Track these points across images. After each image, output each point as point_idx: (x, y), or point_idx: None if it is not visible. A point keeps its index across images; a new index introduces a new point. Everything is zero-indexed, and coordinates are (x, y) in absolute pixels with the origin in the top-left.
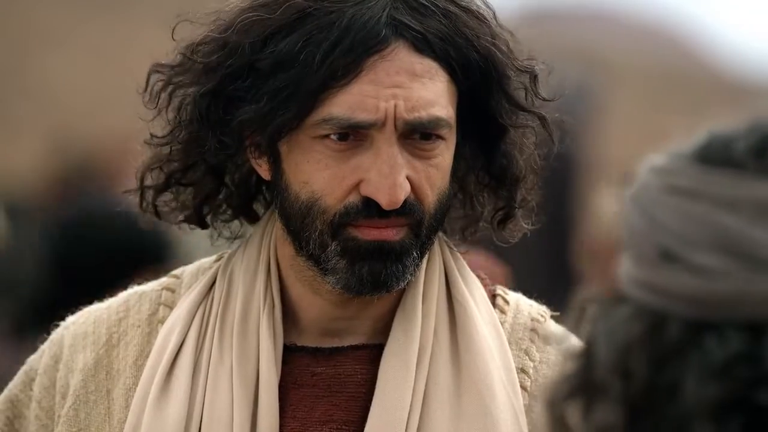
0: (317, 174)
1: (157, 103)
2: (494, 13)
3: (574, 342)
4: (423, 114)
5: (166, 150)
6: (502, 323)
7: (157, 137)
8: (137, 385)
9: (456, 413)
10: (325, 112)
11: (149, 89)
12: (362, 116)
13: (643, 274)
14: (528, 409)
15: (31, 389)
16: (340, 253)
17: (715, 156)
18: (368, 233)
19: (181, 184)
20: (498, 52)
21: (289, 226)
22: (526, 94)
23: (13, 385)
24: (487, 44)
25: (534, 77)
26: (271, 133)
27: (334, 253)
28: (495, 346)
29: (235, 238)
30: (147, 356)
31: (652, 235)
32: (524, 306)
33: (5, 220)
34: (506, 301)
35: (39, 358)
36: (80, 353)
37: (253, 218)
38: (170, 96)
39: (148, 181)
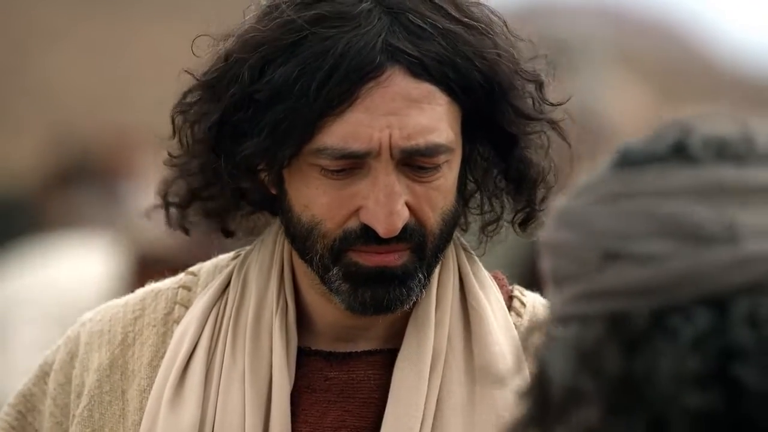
0: (316, 200)
1: (183, 139)
2: (504, 22)
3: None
4: (420, 141)
5: (185, 170)
6: (518, 326)
7: (174, 157)
8: (152, 387)
9: (469, 419)
10: (320, 142)
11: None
12: (356, 146)
13: (586, 285)
14: None
15: (46, 383)
16: (342, 277)
17: (634, 159)
18: (369, 259)
19: (203, 199)
20: (503, 65)
21: (294, 245)
22: (533, 101)
23: (28, 381)
24: (489, 60)
25: (540, 84)
26: (274, 167)
27: (336, 277)
28: (510, 353)
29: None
30: (162, 357)
31: (590, 243)
32: (540, 307)
33: None
34: (522, 303)
35: (55, 354)
36: (96, 352)
37: (275, 211)
38: (186, 122)
39: (171, 198)
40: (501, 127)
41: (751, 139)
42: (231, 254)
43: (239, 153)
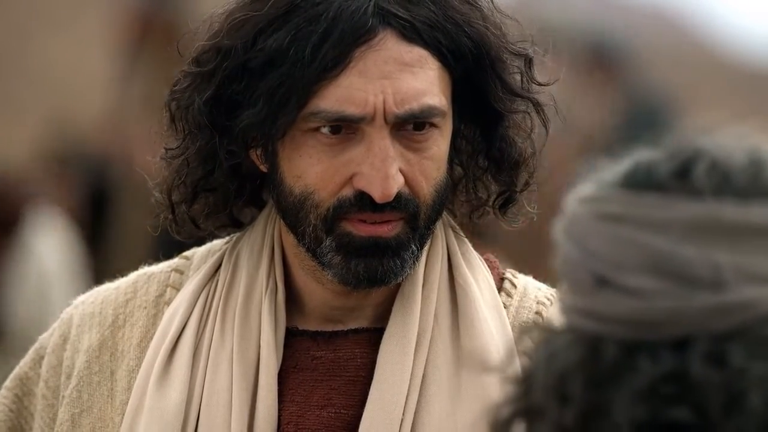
0: (310, 168)
1: (177, 126)
2: (493, 2)
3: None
4: (414, 105)
5: (184, 163)
6: (507, 306)
7: (171, 149)
8: (140, 367)
9: (455, 396)
10: (314, 106)
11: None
12: (350, 110)
13: (580, 301)
14: None
15: (40, 367)
16: (335, 248)
17: (639, 181)
18: (363, 229)
19: (207, 191)
20: (491, 37)
21: (285, 220)
22: (522, 78)
23: (24, 363)
24: (478, 29)
25: (529, 61)
26: (272, 136)
27: (329, 249)
28: (497, 330)
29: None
30: (152, 338)
31: (586, 263)
32: (532, 289)
33: None
34: (513, 285)
35: (49, 337)
36: (86, 333)
37: (261, 206)
38: (179, 108)
39: (176, 197)
40: (487, 103)
41: (758, 169)
42: (224, 239)
43: (236, 126)
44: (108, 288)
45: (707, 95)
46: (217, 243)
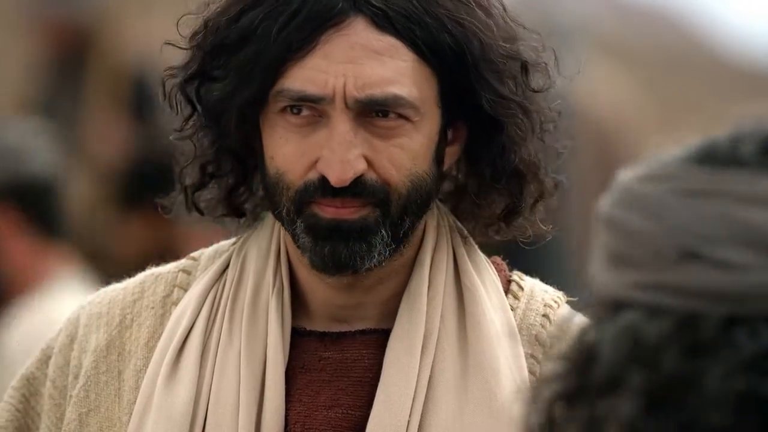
0: (280, 150)
1: (176, 105)
2: (503, 4)
3: (580, 323)
4: (377, 91)
5: (191, 145)
6: (514, 309)
7: (177, 131)
8: (148, 367)
9: (462, 398)
10: (280, 85)
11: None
12: (310, 90)
13: (659, 277)
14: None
15: (47, 367)
16: (305, 230)
17: (720, 157)
18: (327, 211)
19: (215, 176)
20: (479, 34)
21: (269, 202)
22: (515, 84)
23: (30, 364)
24: (463, 26)
25: (524, 66)
26: (237, 110)
27: (300, 230)
28: (504, 332)
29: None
30: (159, 338)
31: (667, 237)
32: (539, 292)
33: None
34: (521, 287)
35: (56, 337)
36: (94, 334)
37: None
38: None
39: (188, 181)
40: (478, 105)
41: None
42: (232, 240)
43: (209, 101)
44: (115, 288)
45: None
46: (224, 243)
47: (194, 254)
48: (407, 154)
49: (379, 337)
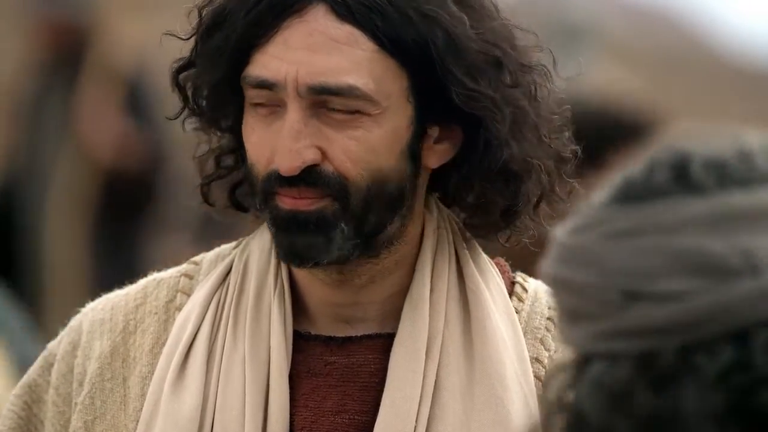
0: (248, 139)
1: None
2: (495, 6)
3: None
4: (330, 80)
5: (206, 139)
6: (519, 311)
7: (170, 119)
8: (153, 373)
9: (468, 402)
10: (245, 71)
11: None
12: (265, 75)
13: (610, 324)
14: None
15: (50, 374)
16: (270, 221)
17: (637, 192)
18: (286, 201)
19: (228, 168)
20: (447, 28)
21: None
22: (494, 78)
23: (32, 371)
24: (427, 19)
25: (498, 64)
26: (212, 96)
27: (268, 221)
28: (509, 336)
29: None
30: (163, 344)
31: (608, 283)
32: (543, 294)
33: None
34: (525, 289)
35: (58, 344)
36: (97, 340)
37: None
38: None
39: (206, 172)
40: (453, 101)
41: (750, 158)
42: (233, 243)
43: (189, 86)
44: (117, 295)
45: (707, 96)
46: (225, 247)
47: (195, 258)
48: (363, 147)
49: (385, 342)
